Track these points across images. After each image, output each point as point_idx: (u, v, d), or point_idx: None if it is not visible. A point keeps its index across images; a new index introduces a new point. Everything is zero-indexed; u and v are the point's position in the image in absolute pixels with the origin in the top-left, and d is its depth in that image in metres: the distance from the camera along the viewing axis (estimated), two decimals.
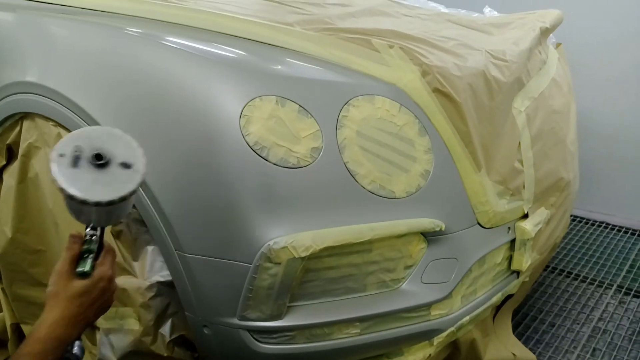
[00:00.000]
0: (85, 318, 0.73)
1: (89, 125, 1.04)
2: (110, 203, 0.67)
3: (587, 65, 2.26)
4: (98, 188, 0.67)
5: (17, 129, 1.21)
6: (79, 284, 0.72)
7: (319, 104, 0.99)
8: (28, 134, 1.19)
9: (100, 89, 1.05)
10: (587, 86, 2.24)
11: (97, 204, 0.67)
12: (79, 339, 0.74)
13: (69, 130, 1.09)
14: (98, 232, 0.75)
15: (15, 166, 1.22)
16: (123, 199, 0.68)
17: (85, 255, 0.73)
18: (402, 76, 1.06)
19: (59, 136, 1.12)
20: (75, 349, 0.74)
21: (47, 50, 1.17)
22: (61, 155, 0.68)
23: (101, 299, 0.74)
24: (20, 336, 1.38)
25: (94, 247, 0.74)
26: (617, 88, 2.30)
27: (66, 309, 0.71)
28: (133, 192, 0.69)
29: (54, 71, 1.13)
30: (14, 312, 1.36)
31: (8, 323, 1.38)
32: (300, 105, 0.97)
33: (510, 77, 1.22)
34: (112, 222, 0.76)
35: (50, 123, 1.13)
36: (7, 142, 1.24)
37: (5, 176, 1.27)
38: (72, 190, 0.66)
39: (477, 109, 1.11)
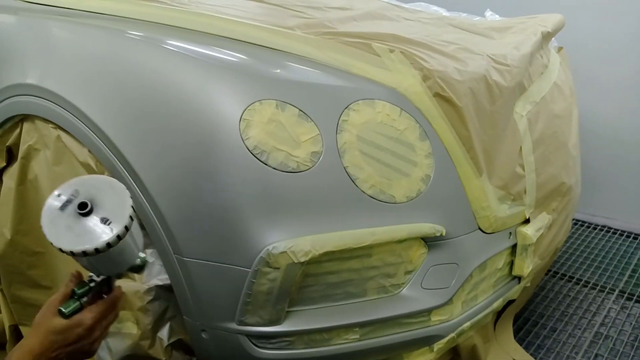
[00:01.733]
0: (57, 357, 0.73)
1: (88, 127, 1.04)
2: (72, 253, 0.67)
3: (589, 68, 2.25)
4: (68, 236, 0.67)
5: (17, 131, 1.21)
6: (57, 322, 0.73)
7: (319, 108, 0.98)
8: (28, 136, 1.19)
9: (101, 92, 1.05)
10: (589, 89, 2.24)
11: (60, 250, 0.67)
12: None
13: (68, 133, 1.09)
14: (97, 279, 0.75)
15: (15, 168, 1.22)
16: (84, 253, 0.67)
17: (76, 297, 0.74)
18: (403, 80, 1.05)
19: (59, 139, 1.12)
20: None
21: (48, 52, 1.17)
22: (59, 195, 0.70)
23: (76, 345, 0.73)
24: (18, 338, 1.38)
25: (85, 291, 0.74)
26: (619, 91, 2.29)
27: (40, 342, 0.71)
28: (98, 250, 0.67)
29: (54, 74, 1.13)
30: (13, 314, 1.36)
31: (6, 325, 1.38)
32: (300, 110, 0.97)
33: (512, 81, 1.22)
34: (106, 273, 0.75)
35: (50, 125, 1.13)
36: (7, 144, 1.24)
37: (5, 178, 1.27)
38: (45, 230, 0.67)
39: (479, 114, 1.11)
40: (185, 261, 0.97)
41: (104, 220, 0.68)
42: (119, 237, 0.68)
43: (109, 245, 0.67)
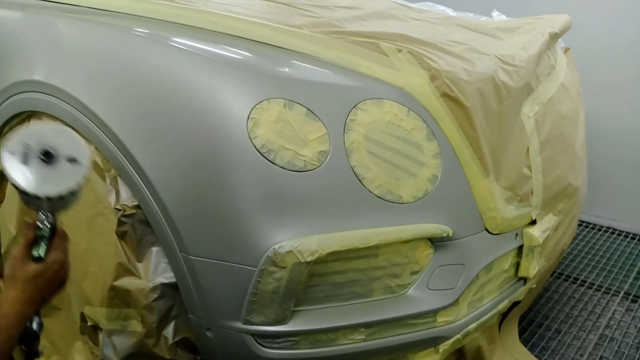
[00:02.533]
0: (42, 297, 0.77)
1: (94, 124, 1.04)
2: (60, 197, 0.73)
3: (595, 69, 2.24)
4: (48, 183, 0.72)
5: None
6: (34, 267, 0.76)
7: (326, 108, 0.98)
8: None
9: (108, 89, 1.05)
10: (596, 90, 2.22)
11: (49, 199, 0.72)
12: (37, 314, 0.78)
13: (75, 130, 1.09)
14: (51, 218, 0.78)
15: None
16: (72, 193, 0.73)
17: (39, 241, 0.77)
18: (411, 80, 1.05)
19: None
20: (35, 325, 0.78)
21: (55, 49, 1.17)
22: (12, 153, 0.72)
23: (56, 280, 0.79)
24: None
25: (47, 232, 0.77)
26: (626, 92, 2.28)
27: (23, 291, 0.75)
28: (80, 185, 0.74)
29: (61, 70, 1.13)
30: None
31: None
32: (307, 109, 0.96)
33: (519, 82, 1.21)
34: (64, 209, 0.80)
35: (57, 122, 1.12)
36: None
37: None
38: (25, 188, 0.71)
39: (486, 114, 1.10)
40: (191, 259, 0.97)
41: (71, 160, 0.74)
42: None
43: (84, 179, 0.74)
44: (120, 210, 1.03)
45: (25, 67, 1.19)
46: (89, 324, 1.13)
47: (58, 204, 0.76)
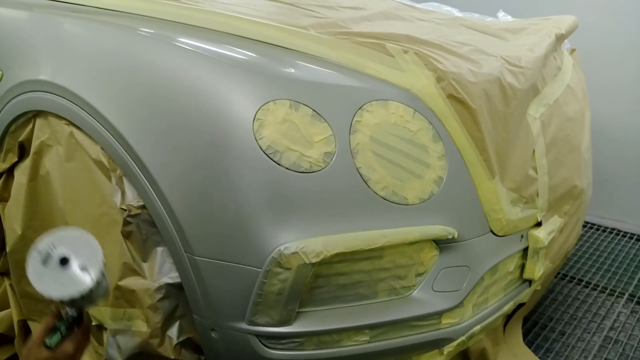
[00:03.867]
0: None
1: (101, 124, 1.04)
2: (61, 301, 0.79)
3: (600, 70, 2.23)
4: (55, 286, 0.79)
5: (30, 126, 1.21)
6: (44, 354, 0.82)
7: (332, 109, 0.98)
8: (40, 132, 1.19)
9: (114, 89, 1.05)
10: (601, 91, 2.22)
11: (50, 299, 0.78)
12: None
13: (81, 130, 1.10)
14: (72, 313, 0.84)
15: (26, 164, 1.23)
16: (72, 300, 0.79)
17: (56, 330, 0.83)
18: (417, 82, 1.04)
19: (71, 135, 1.12)
20: None
21: (62, 49, 1.17)
22: (38, 252, 0.81)
23: None
24: (27, 333, 1.39)
25: (65, 324, 0.84)
26: (631, 93, 2.27)
27: None
28: (83, 296, 0.79)
29: (68, 70, 1.13)
30: (22, 309, 1.36)
31: (15, 320, 1.38)
32: (313, 110, 0.96)
33: (526, 83, 1.21)
34: (85, 306, 0.86)
35: (63, 122, 1.13)
36: (20, 139, 1.24)
37: (17, 173, 1.27)
38: (36, 287, 0.78)
39: (492, 116, 1.10)
40: (196, 260, 0.97)
41: (83, 268, 0.80)
42: (98, 283, 0.80)
43: (90, 290, 0.79)
44: (126, 210, 1.03)
45: (32, 67, 1.19)
46: (93, 323, 1.13)
47: (76, 302, 0.81)
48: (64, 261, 0.80)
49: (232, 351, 1.00)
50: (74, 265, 0.80)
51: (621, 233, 2.37)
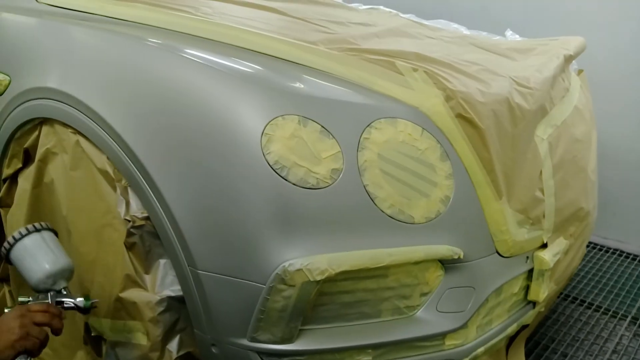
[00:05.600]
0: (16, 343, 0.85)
1: (108, 134, 1.04)
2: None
3: (606, 92, 2.23)
4: None
5: (36, 133, 1.21)
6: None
7: (340, 125, 0.97)
8: (46, 139, 1.19)
9: (121, 98, 1.05)
10: (605, 113, 2.22)
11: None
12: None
13: (87, 139, 1.09)
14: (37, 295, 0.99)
15: (31, 170, 1.22)
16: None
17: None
18: (426, 100, 1.04)
19: (77, 144, 1.12)
20: None
21: (69, 57, 1.17)
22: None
23: (23, 330, 0.86)
24: None
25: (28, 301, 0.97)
26: (636, 115, 2.27)
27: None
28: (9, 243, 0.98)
29: (74, 78, 1.13)
30: None
31: None
32: (322, 126, 0.96)
33: (534, 104, 1.20)
34: (35, 277, 0.98)
35: (70, 130, 1.13)
36: (25, 145, 1.24)
37: (21, 179, 1.27)
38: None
39: (500, 136, 1.09)
40: (199, 274, 0.96)
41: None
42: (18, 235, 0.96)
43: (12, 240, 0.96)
44: (130, 221, 1.03)
45: (39, 74, 1.19)
46: (92, 334, 1.12)
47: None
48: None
49: None
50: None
51: (624, 254, 2.36)
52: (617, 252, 2.37)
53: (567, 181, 1.29)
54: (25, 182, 1.24)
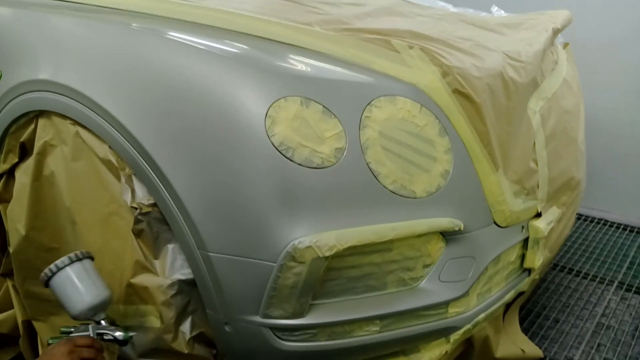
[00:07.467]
0: None
1: (109, 123, 1.04)
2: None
3: (589, 63, 2.28)
4: None
5: (32, 126, 1.20)
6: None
7: (342, 105, 0.99)
8: (44, 132, 1.18)
9: (120, 87, 1.05)
10: (590, 85, 2.27)
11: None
12: None
13: (87, 129, 1.09)
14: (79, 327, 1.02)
15: (29, 164, 1.21)
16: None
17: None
18: (423, 77, 1.06)
19: (77, 135, 1.11)
20: None
21: (63, 47, 1.16)
22: None
23: None
24: (31, 333, 1.38)
25: (70, 332, 1.01)
26: (618, 86, 2.32)
27: None
28: (51, 271, 0.99)
29: (70, 68, 1.12)
30: (26, 310, 1.35)
31: (19, 320, 1.38)
32: (324, 106, 0.97)
33: (526, 78, 1.23)
34: (76, 308, 1.00)
35: (68, 122, 1.12)
36: (21, 139, 1.23)
37: (18, 174, 1.26)
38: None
39: (495, 110, 1.12)
40: (210, 256, 0.98)
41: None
42: (56, 266, 0.97)
43: (56, 266, 0.98)
44: (136, 208, 1.04)
45: (33, 66, 1.18)
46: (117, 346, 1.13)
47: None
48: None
49: (246, 344, 1.02)
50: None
51: (608, 223, 2.44)
52: (602, 222, 2.45)
53: (559, 152, 1.33)
54: (23, 176, 1.23)
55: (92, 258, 1.04)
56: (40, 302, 1.31)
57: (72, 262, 0.98)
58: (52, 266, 0.97)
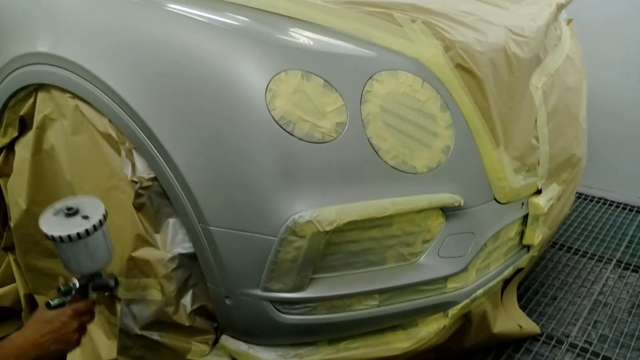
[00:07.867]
0: (46, 342, 0.88)
1: (109, 97, 1.03)
2: (60, 238, 0.88)
3: (592, 42, 2.25)
4: (58, 228, 0.89)
5: (31, 100, 1.20)
6: (45, 313, 0.91)
7: (343, 79, 0.98)
8: (43, 105, 1.17)
9: (120, 60, 1.04)
10: (592, 63, 2.24)
11: (52, 238, 0.88)
12: None
13: (87, 103, 1.08)
14: (76, 283, 0.95)
15: (29, 138, 1.21)
16: (69, 237, 0.88)
17: (59, 294, 0.94)
18: (425, 51, 1.05)
19: (77, 108, 1.11)
20: None
21: (61, 20, 1.14)
22: (51, 207, 0.93)
23: (60, 332, 0.90)
24: (33, 306, 1.40)
25: (67, 289, 0.94)
26: (621, 65, 2.30)
27: (33, 330, 0.89)
28: (79, 236, 0.89)
29: (69, 41, 1.10)
30: (27, 283, 1.37)
31: (22, 293, 1.40)
32: (325, 80, 0.97)
33: (529, 53, 1.22)
34: (84, 269, 0.94)
35: (68, 95, 1.11)
36: (20, 113, 1.23)
37: (18, 148, 1.26)
38: (42, 227, 0.89)
39: (498, 85, 1.11)
40: (210, 230, 0.98)
41: (85, 217, 0.91)
42: (94, 227, 0.90)
43: (87, 231, 0.89)
44: (137, 182, 1.04)
45: (30, 39, 1.16)
46: (106, 294, 1.14)
47: (72, 253, 0.91)
48: (70, 211, 0.91)
49: (247, 317, 1.03)
50: (78, 215, 0.91)
51: (608, 202, 2.44)
52: (602, 201, 2.45)
53: (561, 128, 1.33)
54: (23, 150, 1.23)
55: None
56: (41, 275, 1.33)
57: (105, 220, 0.93)
58: (89, 227, 0.90)
